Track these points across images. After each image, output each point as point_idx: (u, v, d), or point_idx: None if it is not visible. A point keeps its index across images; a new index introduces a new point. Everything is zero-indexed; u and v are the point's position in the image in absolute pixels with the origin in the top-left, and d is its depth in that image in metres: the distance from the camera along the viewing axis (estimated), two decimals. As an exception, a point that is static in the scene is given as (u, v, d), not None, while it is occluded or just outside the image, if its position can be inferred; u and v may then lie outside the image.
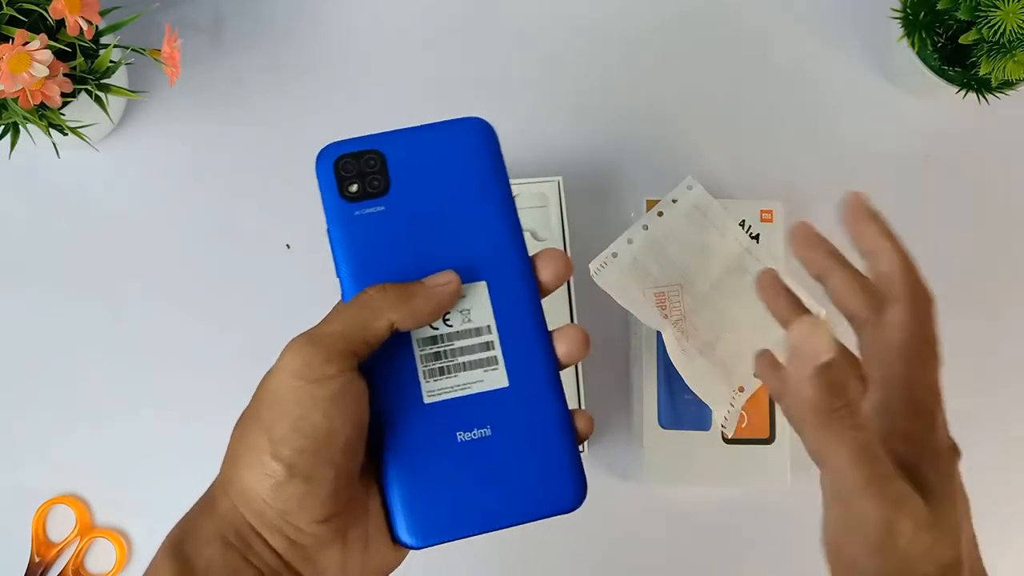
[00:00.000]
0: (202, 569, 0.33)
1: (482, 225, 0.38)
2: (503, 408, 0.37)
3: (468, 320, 0.38)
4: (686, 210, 0.64)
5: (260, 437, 0.34)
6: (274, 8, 0.71)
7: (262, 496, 0.33)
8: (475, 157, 0.39)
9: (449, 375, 0.37)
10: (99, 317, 0.67)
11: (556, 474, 0.37)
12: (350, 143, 0.39)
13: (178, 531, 0.35)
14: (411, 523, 0.36)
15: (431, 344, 0.37)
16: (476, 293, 0.38)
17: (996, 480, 0.69)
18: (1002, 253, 0.70)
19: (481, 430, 0.37)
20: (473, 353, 0.37)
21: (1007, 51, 0.59)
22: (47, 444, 0.66)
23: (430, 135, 0.40)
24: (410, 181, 0.39)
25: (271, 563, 0.34)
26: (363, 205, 0.39)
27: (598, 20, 0.71)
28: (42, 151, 0.61)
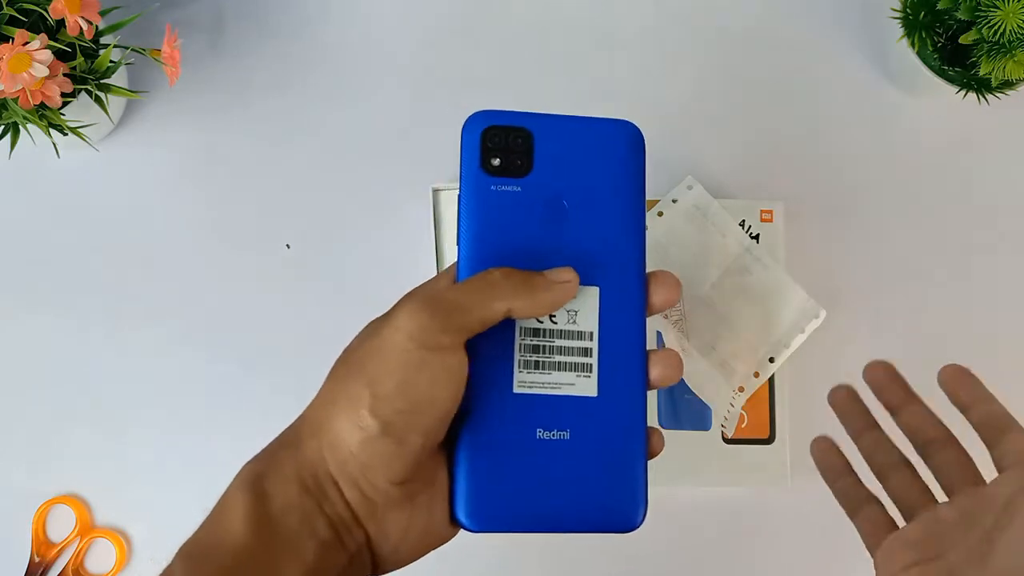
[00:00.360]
0: (279, 508, 0.34)
1: (610, 229, 0.38)
2: (587, 416, 0.37)
3: (574, 322, 0.38)
4: (686, 210, 0.64)
5: (362, 389, 0.34)
6: (274, 8, 0.71)
7: (350, 447, 0.34)
8: (620, 160, 0.39)
9: (543, 370, 0.37)
10: (99, 317, 0.67)
11: (623, 492, 0.37)
12: (503, 115, 0.39)
13: (259, 465, 0.35)
14: (473, 506, 0.36)
15: (533, 336, 0.37)
16: (587, 296, 0.38)
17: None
18: (1002, 253, 0.70)
19: (561, 432, 0.37)
20: (571, 355, 0.37)
21: (1007, 51, 0.59)
22: (47, 444, 0.66)
23: (582, 127, 0.39)
24: (552, 168, 0.38)
25: (342, 514, 0.35)
26: (501, 181, 0.38)
27: (598, 20, 0.71)
28: (42, 151, 0.61)
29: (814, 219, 0.69)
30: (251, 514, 0.34)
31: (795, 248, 0.67)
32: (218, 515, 0.34)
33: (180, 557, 0.34)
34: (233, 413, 0.66)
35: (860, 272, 0.69)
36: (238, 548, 0.33)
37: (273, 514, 0.34)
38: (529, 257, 0.37)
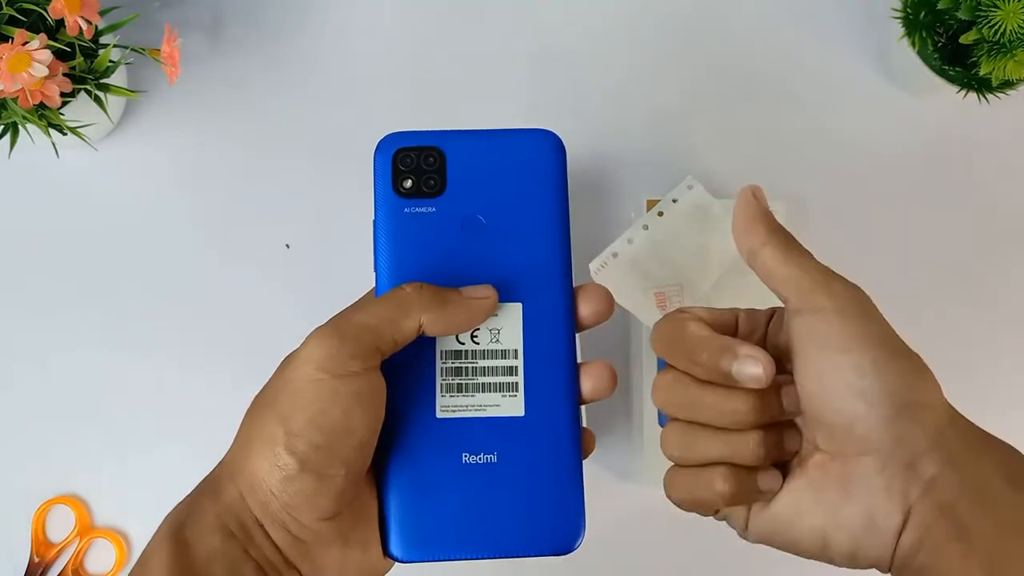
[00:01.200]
0: (202, 557, 0.33)
1: (531, 243, 0.37)
2: (515, 437, 0.36)
3: (496, 340, 0.37)
4: (686, 210, 0.64)
5: (276, 427, 0.33)
6: (274, 8, 0.71)
7: (270, 487, 0.33)
8: (537, 171, 0.38)
9: (466, 393, 0.36)
10: (99, 317, 0.67)
11: (556, 515, 0.36)
12: (412, 136, 0.39)
13: (179, 514, 0.34)
14: (403, 537, 0.35)
15: (454, 358, 0.36)
16: (510, 314, 0.37)
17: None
18: (1002, 253, 0.70)
19: (488, 455, 0.36)
20: (495, 375, 0.36)
21: (1007, 51, 0.59)
22: (47, 444, 0.66)
23: (497, 141, 0.38)
24: (466, 185, 0.38)
25: (271, 557, 0.33)
26: (414, 203, 0.38)
27: (598, 20, 0.71)
28: (42, 151, 0.61)
29: (814, 219, 0.69)
30: (172, 565, 0.32)
31: (795, 248, 0.67)
32: (140, 568, 0.33)
33: None
34: (233, 413, 0.66)
35: (860, 272, 0.69)
36: None
37: (196, 564, 0.33)
38: (448, 278, 0.36)
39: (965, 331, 0.69)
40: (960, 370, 0.69)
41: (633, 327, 0.66)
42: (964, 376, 0.69)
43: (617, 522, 0.66)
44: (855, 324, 0.35)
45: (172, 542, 0.33)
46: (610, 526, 0.66)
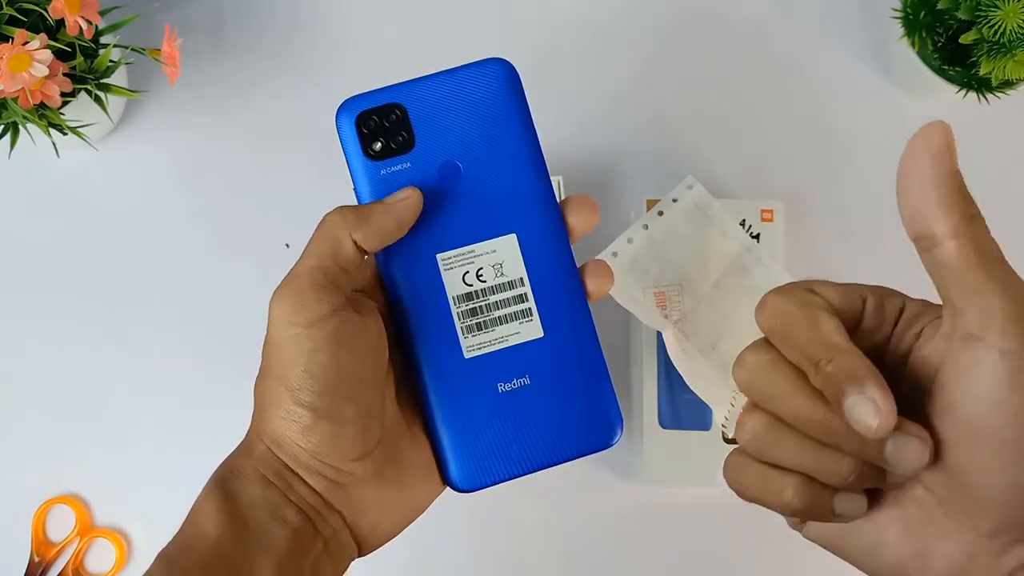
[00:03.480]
0: (246, 503, 0.35)
1: (509, 174, 0.38)
2: (540, 357, 0.38)
3: (501, 274, 0.38)
4: (686, 210, 0.64)
5: (278, 388, 0.34)
6: (274, 7, 0.71)
7: (294, 441, 0.35)
8: (497, 102, 0.38)
9: (486, 330, 0.38)
10: (99, 316, 0.67)
11: (593, 415, 0.38)
12: (369, 96, 0.39)
13: (222, 470, 0.37)
14: (462, 469, 0.38)
15: (467, 300, 0.38)
16: (507, 245, 0.38)
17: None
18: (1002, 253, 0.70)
19: (521, 379, 0.38)
20: (508, 307, 0.38)
21: (1007, 51, 0.59)
22: (47, 444, 0.66)
23: (450, 81, 0.39)
24: (433, 133, 0.38)
25: (312, 502, 0.35)
26: (388, 163, 0.38)
27: (597, 19, 0.71)
28: (42, 151, 0.61)
29: (815, 219, 0.69)
30: (221, 512, 0.35)
31: (795, 248, 0.67)
32: (191, 519, 0.36)
33: (159, 564, 0.35)
34: (233, 412, 0.66)
35: (860, 272, 0.69)
36: (211, 544, 0.34)
37: (241, 510, 0.35)
38: (440, 227, 0.38)
39: (965, 331, 0.69)
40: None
41: (633, 327, 0.66)
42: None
43: (617, 521, 0.66)
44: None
45: (219, 493, 0.35)
46: (610, 525, 0.66)
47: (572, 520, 0.66)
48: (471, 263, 0.38)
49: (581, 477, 0.66)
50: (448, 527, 0.44)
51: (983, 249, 0.29)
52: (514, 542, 0.66)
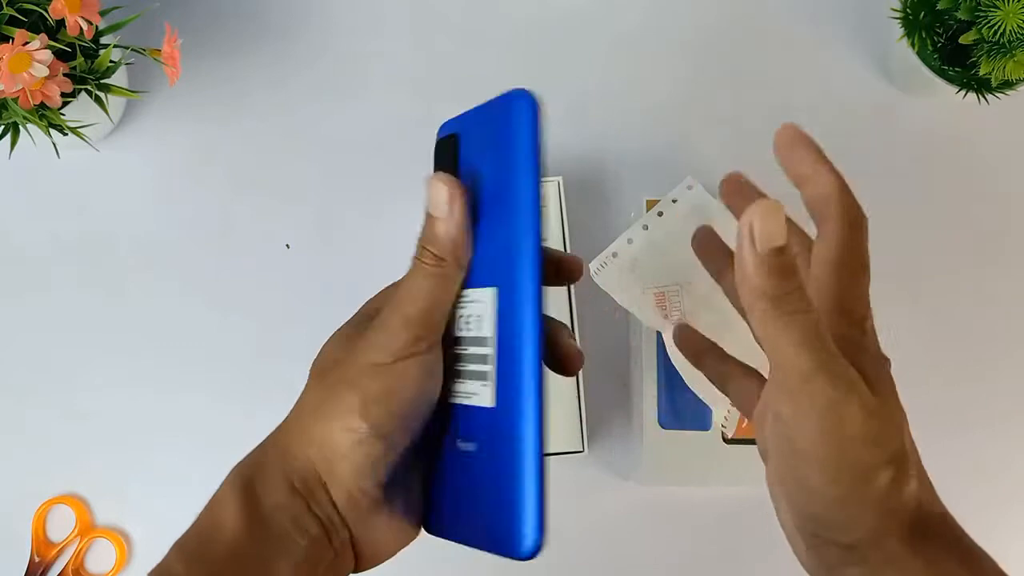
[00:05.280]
0: (269, 507, 0.35)
1: (505, 221, 0.34)
2: (487, 428, 0.34)
3: (475, 328, 0.36)
4: (686, 210, 0.64)
5: (351, 396, 0.35)
6: (274, 8, 0.71)
7: (341, 450, 0.35)
8: (508, 138, 0.34)
9: (460, 379, 0.36)
10: (99, 317, 0.67)
11: (513, 516, 0.32)
12: (449, 124, 0.38)
13: (249, 467, 0.37)
14: (427, 511, 0.38)
15: (454, 345, 0.37)
16: (485, 300, 0.35)
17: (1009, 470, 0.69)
18: (1002, 253, 0.70)
19: (470, 444, 0.35)
20: (473, 363, 0.36)
21: (1007, 51, 0.59)
22: (47, 444, 0.66)
23: (484, 114, 0.36)
24: (467, 167, 0.37)
25: (330, 514, 0.36)
26: None
27: (597, 20, 0.71)
28: (42, 151, 0.61)
29: (814, 219, 0.69)
30: (243, 512, 0.35)
31: (795, 248, 0.67)
32: (211, 514, 0.36)
33: (177, 554, 0.35)
34: (233, 412, 0.66)
35: (860, 272, 0.69)
36: (232, 544, 0.34)
37: (264, 513, 0.35)
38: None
39: (966, 329, 0.69)
40: (961, 369, 0.69)
41: (633, 327, 0.66)
42: (964, 374, 0.69)
43: (617, 521, 0.66)
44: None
45: (241, 492, 0.35)
46: (610, 525, 0.66)
47: (572, 520, 0.66)
48: (463, 307, 0.36)
49: (581, 477, 0.66)
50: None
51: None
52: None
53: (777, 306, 0.33)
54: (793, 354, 0.33)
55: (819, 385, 0.33)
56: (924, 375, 0.69)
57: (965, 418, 0.69)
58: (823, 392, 0.33)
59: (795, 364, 0.33)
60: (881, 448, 0.34)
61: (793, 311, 0.33)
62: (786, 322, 0.33)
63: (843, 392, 0.33)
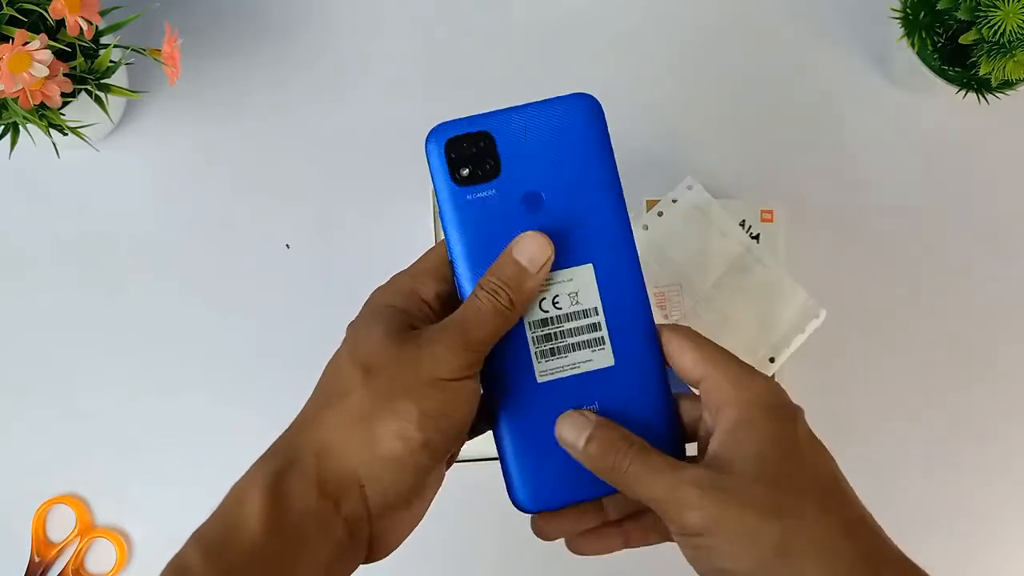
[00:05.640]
0: (297, 511, 0.35)
1: (589, 206, 0.39)
2: (610, 385, 0.39)
3: (576, 302, 0.39)
4: (686, 210, 0.64)
5: (410, 406, 0.36)
6: (274, 8, 0.71)
7: (390, 456, 0.36)
8: (581, 136, 0.39)
9: (559, 356, 0.39)
10: (99, 317, 0.67)
11: (657, 445, 0.38)
12: (460, 124, 0.39)
13: (278, 462, 0.37)
14: (528, 490, 0.39)
15: (542, 327, 0.39)
16: (584, 275, 0.39)
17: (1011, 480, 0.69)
18: (1002, 253, 0.70)
19: (591, 406, 0.39)
20: (582, 334, 0.39)
21: (1007, 51, 0.59)
22: (47, 444, 0.66)
23: (538, 113, 0.39)
24: (519, 162, 0.39)
25: (359, 512, 0.37)
26: (474, 189, 0.39)
27: (597, 20, 0.71)
28: (42, 151, 0.61)
29: (814, 219, 0.69)
30: (269, 513, 0.35)
31: (795, 248, 0.67)
32: (235, 508, 0.36)
33: (195, 545, 0.35)
34: (233, 412, 0.66)
35: (860, 272, 0.69)
36: (254, 545, 0.35)
37: (291, 517, 0.35)
38: None
39: (964, 329, 0.69)
40: (961, 368, 0.69)
41: (633, 327, 0.66)
42: (965, 374, 0.69)
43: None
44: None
45: (268, 491, 0.35)
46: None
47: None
48: (548, 290, 0.39)
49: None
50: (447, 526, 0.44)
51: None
52: (514, 542, 0.66)
53: (616, 473, 0.37)
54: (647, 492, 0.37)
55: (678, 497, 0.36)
56: (924, 375, 0.69)
57: (967, 417, 0.69)
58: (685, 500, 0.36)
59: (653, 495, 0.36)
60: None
61: (623, 468, 0.37)
62: (627, 477, 0.37)
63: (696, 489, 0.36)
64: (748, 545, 0.35)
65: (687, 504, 0.35)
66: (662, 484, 0.36)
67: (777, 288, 0.63)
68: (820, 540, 0.35)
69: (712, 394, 0.38)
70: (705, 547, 0.35)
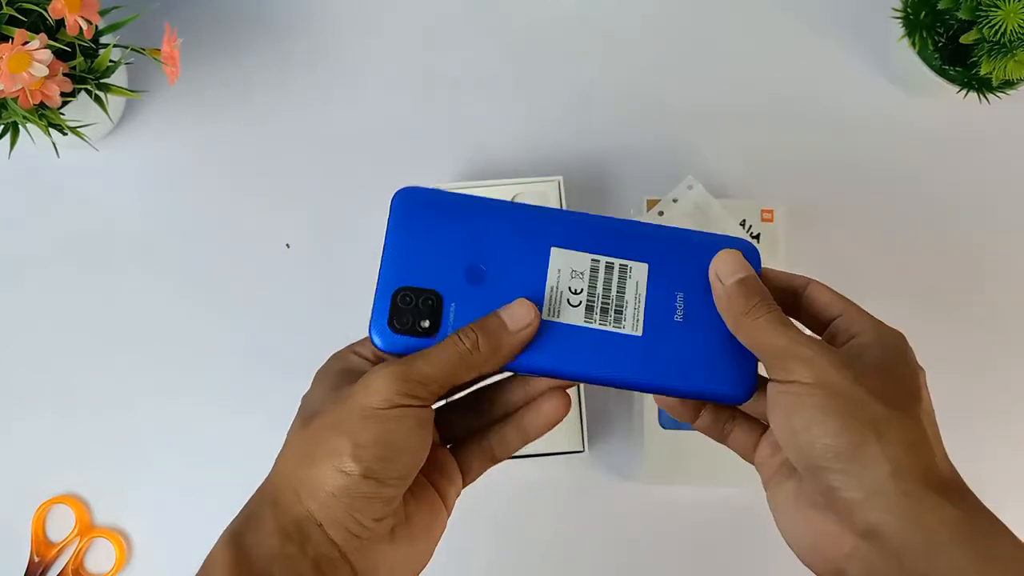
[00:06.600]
0: (262, 558, 0.36)
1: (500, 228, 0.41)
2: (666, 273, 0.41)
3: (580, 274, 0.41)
4: (686, 210, 0.64)
5: (342, 442, 0.37)
6: (274, 7, 0.71)
7: (332, 491, 0.37)
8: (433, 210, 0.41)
9: (625, 308, 0.41)
10: (99, 317, 0.67)
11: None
12: (377, 310, 0.40)
13: (237, 524, 0.38)
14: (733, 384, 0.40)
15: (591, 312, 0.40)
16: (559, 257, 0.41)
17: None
18: (1003, 252, 0.70)
19: (678, 300, 0.41)
20: (612, 280, 0.41)
21: (1008, 51, 0.59)
22: (47, 444, 0.66)
23: (396, 238, 0.41)
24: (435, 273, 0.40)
25: (327, 552, 0.37)
26: (445, 324, 0.40)
27: (598, 19, 0.71)
28: (42, 151, 0.61)
29: (814, 219, 0.69)
30: (233, 568, 0.36)
31: (795, 248, 0.67)
32: (204, 571, 0.37)
33: None
34: (233, 412, 0.66)
35: (861, 271, 0.69)
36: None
37: (255, 566, 0.36)
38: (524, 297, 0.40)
39: (965, 329, 0.69)
40: (961, 368, 0.69)
41: (633, 327, 0.66)
42: (966, 374, 0.69)
43: (617, 520, 0.66)
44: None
45: (232, 548, 0.36)
46: (610, 524, 0.66)
47: (573, 520, 0.66)
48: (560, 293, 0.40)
49: (582, 477, 0.66)
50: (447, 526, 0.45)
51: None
52: (514, 542, 0.66)
53: (748, 316, 0.39)
54: (768, 339, 0.38)
55: (793, 361, 0.37)
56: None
57: (968, 416, 0.69)
58: (799, 364, 0.37)
59: (774, 344, 0.38)
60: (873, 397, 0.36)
61: (759, 315, 0.38)
62: (758, 323, 0.38)
63: (816, 353, 0.37)
64: (848, 407, 0.35)
65: (807, 357, 0.36)
66: (788, 337, 0.37)
67: (777, 288, 0.63)
68: (915, 438, 0.36)
69: (851, 323, 0.39)
70: (805, 396, 0.36)
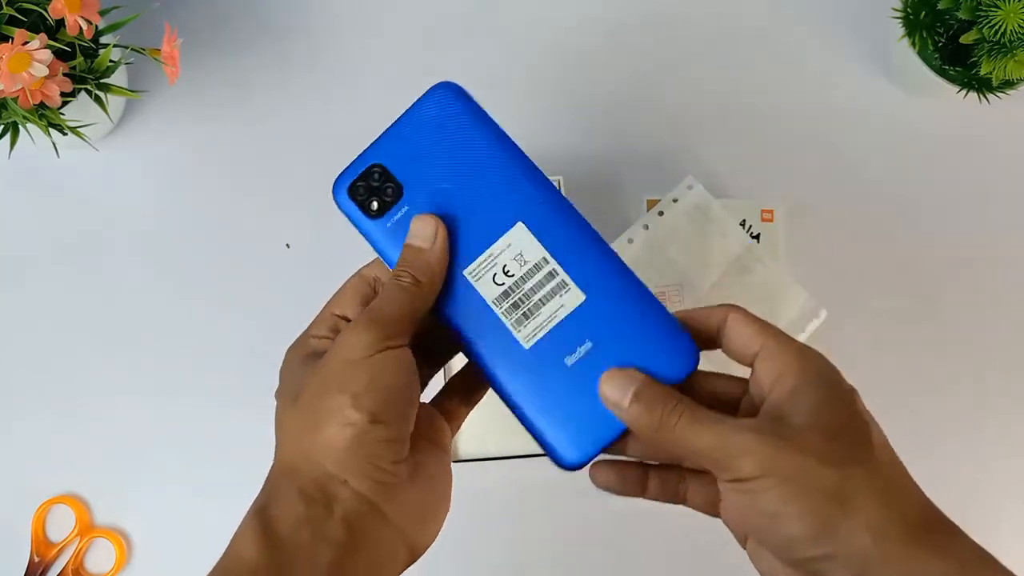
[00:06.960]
0: (288, 527, 0.36)
1: (495, 173, 0.41)
2: (592, 317, 0.40)
3: (524, 262, 0.40)
4: (686, 210, 0.64)
5: (340, 398, 0.37)
6: (274, 7, 0.71)
7: (346, 444, 0.37)
8: (456, 120, 0.41)
9: (533, 316, 0.40)
10: (99, 317, 0.67)
11: (665, 346, 0.39)
12: (351, 169, 0.42)
13: (260, 499, 0.38)
14: (565, 448, 0.40)
15: (505, 299, 0.40)
16: (518, 235, 0.40)
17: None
18: (1003, 252, 0.70)
19: (583, 346, 0.39)
20: (543, 287, 0.40)
21: (1008, 51, 0.59)
22: (47, 444, 0.66)
23: (410, 120, 0.42)
24: (415, 171, 0.41)
25: (356, 507, 0.37)
26: (390, 215, 0.41)
27: (598, 20, 0.71)
28: (42, 151, 0.61)
29: (815, 219, 0.69)
30: (260, 539, 0.36)
31: (795, 248, 0.67)
32: (231, 548, 0.37)
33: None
34: (233, 412, 0.66)
35: (861, 272, 0.69)
36: (252, 570, 0.35)
37: (282, 534, 0.36)
38: (454, 248, 0.41)
39: (965, 329, 0.69)
40: (962, 367, 0.69)
41: (633, 327, 0.66)
42: (965, 373, 0.69)
43: (617, 520, 0.66)
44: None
45: (257, 521, 0.36)
46: (610, 524, 0.66)
47: (572, 520, 0.66)
48: (494, 264, 0.40)
49: (581, 477, 0.66)
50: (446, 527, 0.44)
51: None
52: (513, 542, 0.66)
53: (662, 429, 0.37)
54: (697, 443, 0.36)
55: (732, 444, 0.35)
56: (925, 375, 0.69)
57: (970, 415, 0.69)
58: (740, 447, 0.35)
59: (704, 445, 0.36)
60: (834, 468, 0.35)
61: (672, 423, 0.37)
62: (676, 432, 0.36)
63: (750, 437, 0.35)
64: (805, 488, 0.34)
65: (742, 449, 0.35)
66: (713, 433, 0.35)
67: (777, 288, 0.63)
68: (880, 488, 0.35)
69: (770, 363, 0.37)
70: (758, 491, 0.35)
